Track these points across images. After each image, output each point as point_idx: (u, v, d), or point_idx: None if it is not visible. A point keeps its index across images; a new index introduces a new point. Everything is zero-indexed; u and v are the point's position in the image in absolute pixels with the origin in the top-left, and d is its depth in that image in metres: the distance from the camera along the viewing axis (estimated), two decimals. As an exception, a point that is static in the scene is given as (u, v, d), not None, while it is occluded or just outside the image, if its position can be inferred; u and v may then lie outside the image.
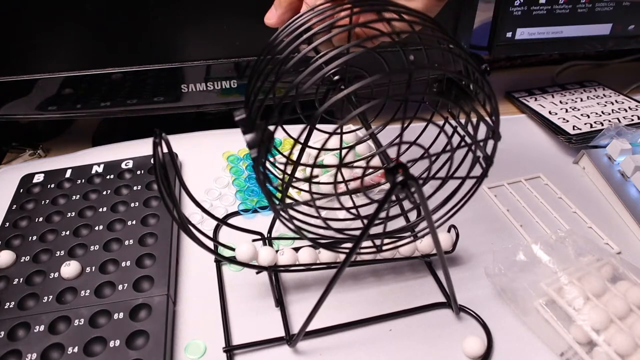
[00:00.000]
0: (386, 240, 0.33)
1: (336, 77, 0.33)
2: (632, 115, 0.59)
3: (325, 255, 0.36)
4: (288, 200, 0.35)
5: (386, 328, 0.36)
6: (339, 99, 0.21)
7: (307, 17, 0.26)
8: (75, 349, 0.32)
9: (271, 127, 0.22)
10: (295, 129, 0.36)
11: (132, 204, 0.43)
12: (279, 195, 0.26)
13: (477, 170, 0.29)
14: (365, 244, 0.29)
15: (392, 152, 0.34)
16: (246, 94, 0.28)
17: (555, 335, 0.34)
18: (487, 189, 0.49)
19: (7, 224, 0.42)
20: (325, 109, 0.21)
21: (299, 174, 0.45)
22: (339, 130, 0.39)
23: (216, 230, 0.43)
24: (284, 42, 0.25)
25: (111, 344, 0.32)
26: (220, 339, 0.34)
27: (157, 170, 0.25)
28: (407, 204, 0.34)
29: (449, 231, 0.39)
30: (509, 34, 0.59)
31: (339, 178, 0.38)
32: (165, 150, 0.27)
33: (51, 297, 0.35)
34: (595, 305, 0.33)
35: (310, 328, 0.33)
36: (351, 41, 0.29)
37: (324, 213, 0.29)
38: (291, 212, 0.27)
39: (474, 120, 0.27)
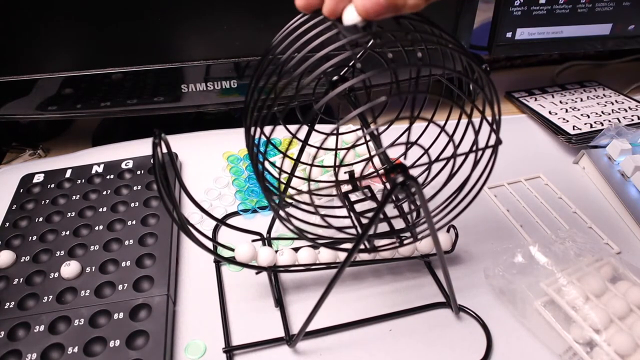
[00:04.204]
0: (386, 241, 0.33)
1: (335, 78, 0.33)
2: (632, 115, 0.59)
3: (325, 256, 0.36)
4: (288, 200, 0.35)
5: (386, 328, 0.36)
6: (336, 96, 0.21)
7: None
8: (75, 349, 0.32)
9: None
10: (295, 129, 0.36)
11: (132, 204, 0.43)
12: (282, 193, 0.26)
13: (479, 169, 0.29)
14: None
15: (394, 153, 0.34)
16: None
17: (555, 335, 0.34)
18: (487, 189, 0.49)
19: (7, 224, 0.42)
20: (322, 104, 0.21)
21: (299, 174, 0.45)
22: (337, 131, 0.39)
23: (215, 230, 0.43)
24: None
25: (111, 344, 0.32)
26: (220, 339, 0.34)
27: (156, 170, 0.25)
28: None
29: (448, 231, 0.39)
30: (509, 34, 0.59)
31: (339, 178, 0.38)
32: (164, 150, 0.27)
33: (51, 297, 0.35)
34: (595, 305, 0.33)
35: (310, 328, 0.33)
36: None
37: (322, 212, 0.29)
38: (290, 210, 0.27)
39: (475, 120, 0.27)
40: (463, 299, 0.37)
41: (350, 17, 0.22)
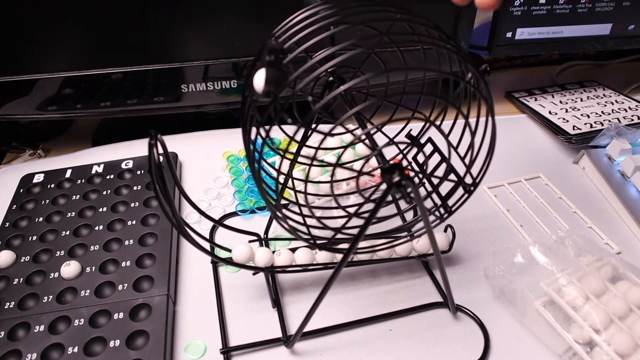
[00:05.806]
0: (382, 240, 0.33)
1: (331, 78, 0.33)
2: (632, 115, 0.59)
3: (322, 256, 0.36)
4: (285, 201, 0.35)
5: (385, 328, 0.36)
6: (333, 98, 0.21)
7: (303, 16, 0.26)
8: (75, 349, 0.32)
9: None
10: (293, 130, 0.36)
11: (132, 204, 0.43)
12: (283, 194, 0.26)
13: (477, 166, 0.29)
14: (362, 244, 0.29)
15: (393, 153, 0.34)
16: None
17: (555, 335, 0.33)
18: (487, 189, 0.49)
19: (7, 224, 0.42)
20: (319, 107, 0.21)
21: (298, 174, 0.45)
22: (335, 131, 0.39)
23: (213, 230, 0.43)
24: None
25: (111, 344, 0.32)
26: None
27: (152, 171, 0.25)
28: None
29: (445, 231, 0.39)
30: (509, 34, 0.59)
31: (337, 177, 0.38)
32: (160, 150, 0.27)
33: (51, 297, 0.35)
34: (595, 305, 0.33)
35: (307, 328, 0.33)
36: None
37: (319, 213, 0.29)
38: (287, 211, 0.27)
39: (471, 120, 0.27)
40: (463, 299, 0.37)
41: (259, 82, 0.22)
